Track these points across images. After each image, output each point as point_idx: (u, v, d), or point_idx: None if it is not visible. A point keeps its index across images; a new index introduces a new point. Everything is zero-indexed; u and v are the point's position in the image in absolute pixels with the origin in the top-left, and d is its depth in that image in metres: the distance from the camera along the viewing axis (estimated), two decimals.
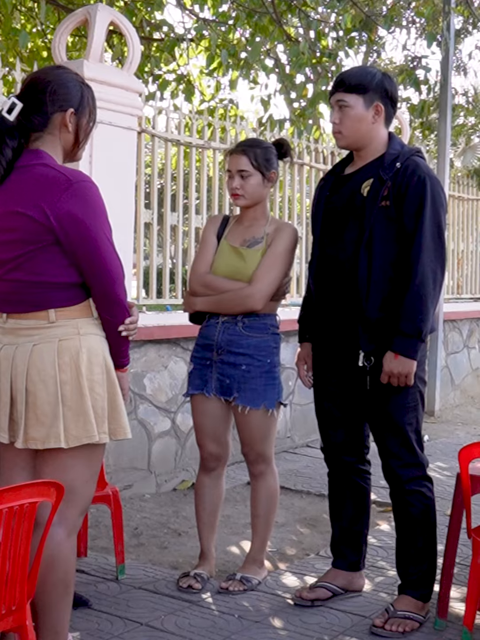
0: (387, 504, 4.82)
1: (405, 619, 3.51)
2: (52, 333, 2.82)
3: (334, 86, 3.64)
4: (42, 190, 2.77)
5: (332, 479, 3.89)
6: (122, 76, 5.38)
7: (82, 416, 2.80)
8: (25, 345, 2.82)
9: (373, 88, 3.56)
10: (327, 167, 7.67)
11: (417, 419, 3.61)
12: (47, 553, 2.72)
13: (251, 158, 3.88)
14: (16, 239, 2.79)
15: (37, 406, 2.78)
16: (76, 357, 2.81)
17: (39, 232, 2.77)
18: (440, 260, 3.50)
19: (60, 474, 2.80)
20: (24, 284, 2.82)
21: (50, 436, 2.78)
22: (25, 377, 2.79)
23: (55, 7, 7.76)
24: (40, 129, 2.88)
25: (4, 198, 2.80)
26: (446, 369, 9.33)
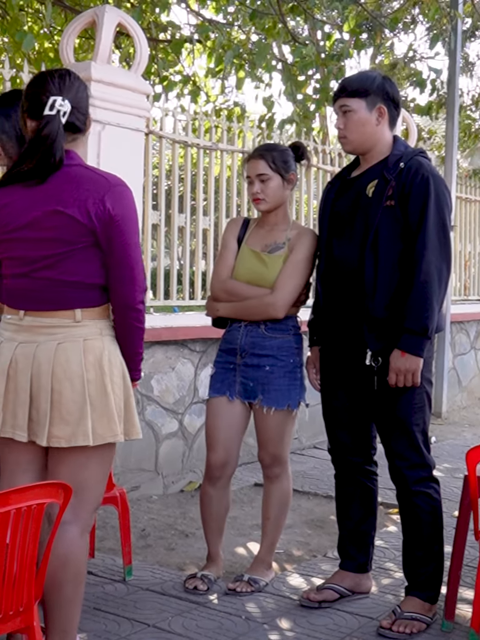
0: (394, 506, 4.81)
1: (412, 620, 3.51)
2: (77, 332, 2.83)
3: (336, 93, 3.68)
4: (84, 192, 2.79)
5: (339, 480, 3.89)
6: (129, 77, 5.38)
7: (106, 415, 2.82)
8: (48, 343, 2.82)
9: (374, 91, 3.59)
10: (334, 169, 7.68)
11: (424, 419, 3.61)
12: (60, 552, 2.74)
13: (269, 161, 3.88)
14: (54, 238, 2.80)
15: (62, 404, 2.79)
16: (100, 357, 2.84)
17: (80, 232, 2.79)
18: (445, 258, 3.51)
19: (76, 473, 2.83)
20: (54, 282, 2.83)
21: (77, 434, 2.79)
22: (50, 375, 2.79)
23: (63, 9, 7.78)
24: (80, 130, 2.91)
25: (43, 196, 2.81)
26: (453, 370, 9.32)
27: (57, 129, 2.79)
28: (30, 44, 5.91)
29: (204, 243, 6.74)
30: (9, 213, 2.85)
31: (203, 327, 5.61)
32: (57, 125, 2.80)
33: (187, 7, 8.45)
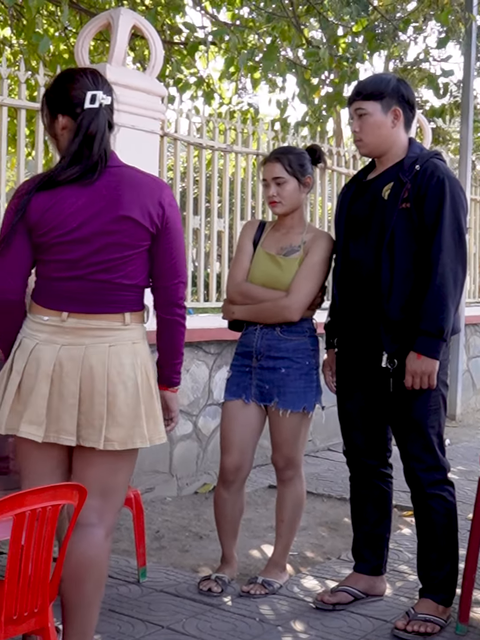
0: (409, 508, 4.81)
1: (426, 621, 3.50)
2: (127, 335, 2.85)
3: (351, 96, 3.69)
4: (144, 196, 2.81)
5: (354, 483, 3.89)
6: (144, 80, 5.39)
7: (153, 417, 2.87)
8: (98, 346, 2.80)
9: (389, 93, 3.59)
10: (349, 171, 7.67)
11: (439, 422, 3.60)
12: (85, 554, 2.76)
13: (285, 164, 3.89)
14: (117, 242, 2.79)
15: (117, 407, 2.79)
16: (146, 360, 2.88)
17: (142, 237, 2.82)
18: (460, 260, 3.50)
19: (105, 476, 2.84)
20: (111, 285, 2.82)
21: (134, 437, 2.81)
22: (105, 378, 2.77)
23: (78, 11, 7.80)
24: (112, 129, 2.90)
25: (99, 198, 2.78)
26: (467, 372, 9.29)
27: (104, 122, 2.80)
28: (46, 46, 5.93)
29: (218, 245, 6.74)
30: (58, 214, 2.78)
31: (218, 329, 5.61)
32: (103, 119, 2.80)
33: (201, 10, 8.46)
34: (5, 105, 5.16)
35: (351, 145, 8.69)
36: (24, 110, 5.25)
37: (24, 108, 5.23)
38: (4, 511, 2.37)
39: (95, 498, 2.74)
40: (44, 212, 2.78)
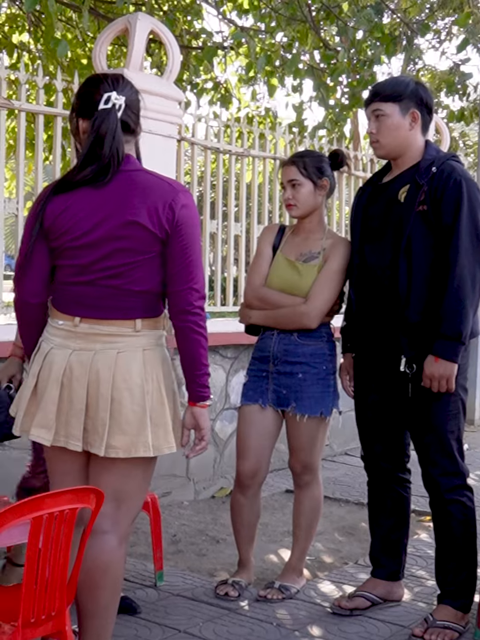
0: (426, 513, 4.79)
1: (444, 628, 3.49)
2: (137, 342, 2.81)
3: (369, 98, 3.66)
4: (153, 200, 2.77)
5: (372, 488, 3.87)
6: (162, 84, 5.41)
7: (163, 426, 2.81)
8: (107, 352, 2.78)
9: (408, 96, 3.57)
10: (366, 175, 7.66)
11: (458, 427, 3.58)
12: (100, 559, 2.75)
13: (300, 167, 3.88)
14: (126, 248, 2.77)
15: (122, 414, 2.76)
16: (157, 368, 2.83)
17: (151, 242, 2.78)
18: (478, 262, 3.47)
19: (120, 483, 2.82)
20: (120, 290, 2.80)
21: (137, 445, 2.77)
22: (110, 384, 2.76)
23: (95, 17, 7.83)
24: (133, 132, 2.88)
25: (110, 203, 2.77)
26: None
27: (115, 122, 2.77)
28: (64, 50, 5.95)
29: (235, 249, 6.74)
30: (70, 219, 2.79)
31: (235, 334, 5.60)
32: (114, 119, 2.77)
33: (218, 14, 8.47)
34: (24, 111, 5.18)
35: (368, 149, 8.68)
36: (42, 116, 5.27)
37: (41, 113, 5.25)
38: (22, 514, 2.37)
39: (108, 504, 2.71)
40: (56, 217, 2.79)
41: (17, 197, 5.16)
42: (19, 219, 5.07)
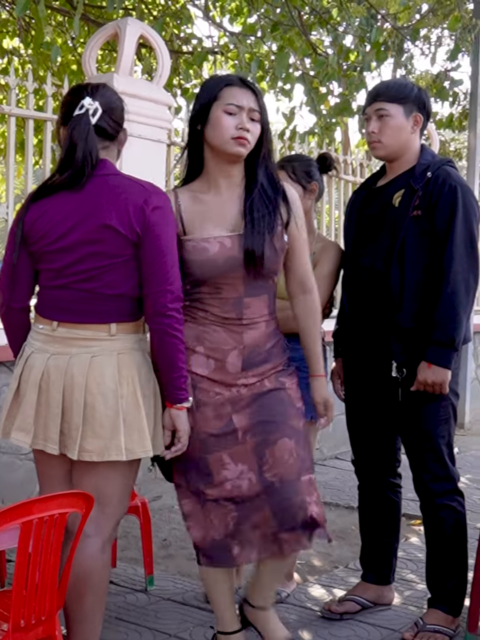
0: (417, 517, 4.80)
1: (435, 632, 3.49)
2: (111, 346, 2.81)
3: (371, 97, 3.63)
4: (124, 202, 2.77)
5: (362, 492, 3.88)
6: (151, 89, 5.42)
7: (138, 430, 2.80)
8: (81, 356, 2.80)
9: (412, 99, 3.57)
10: (356, 179, 7.68)
11: (449, 432, 3.58)
12: (81, 565, 2.74)
13: (289, 171, 3.87)
14: (98, 252, 2.79)
15: (95, 419, 2.77)
16: (133, 372, 2.82)
17: (123, 245, 2.78)
18: (472, 269, 3.48)
19: (101, 486, 2.82)
20: (94, 294, 2.81)
21: (110, 449, 2.77)
22: (84, 388, 2.77)
23: (85, 21, 7.83)
24: (112, 137, 2.91)
25: (84, 207, 2.79)
26: (476, 381, 9.28)
27: (86, 127, 2.79)
28: (56, 54, 5.95)
29: None
30: (46, 223, 2.83)
31: None
32: (85, 124, 2.80)
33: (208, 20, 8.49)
34: (14, 115, 5.18)
35: (358, 154, 8.70)
36: (32, 120, 5.27)
37: (31, 118, 5.24)
38: (12, 519, 2.37)
39: None
40: (34, 222, 2.84)
41: (7, 201, 5.16)
42: (9, 223, 5.07)
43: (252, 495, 3.01)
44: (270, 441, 3.02)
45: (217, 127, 2.98)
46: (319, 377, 3.26)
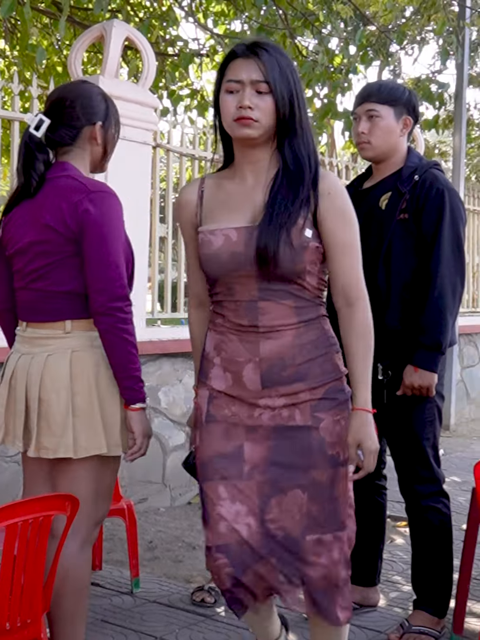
0: (402, 519, 4.81)
1: (420, 634, 3.50)
2: (66, 344, 2.84)
3: (362, 97, 3.63)
4: (61, 200, 2.82)
5: None
6: (137, 91, 5.41)
7: (92, 428, 2.81)
8: (40, 355, 2.85)
9: (403, 102, 3.58)
10: (341, 181, 7.67)
11: (434, 434, 3.59)
12: (60, 565, 2.73)
13: None
14: (43, 251, 2.84)
15: (50, 415, 2.80)
16: (89, 369, 2.83)
17: (61, 242, 2.82)
18: (459, 273, 3.49)
19: (74, 485, 2.82)
20: (45, 293, 2.86)
21: (60, 446, 2.80)
22: (39, 386, 2.82)
23: (71, 23, 7.82)
24: (69, 142, 2.95)
25: (34, 211, 2.87)
26: (461, 382, 9.30)
27: (24, 142, 2.92)
28: (42, 57, 5.94)
29: None
30: (9, 229, 2.96)
31: None
32: (25, 137, 2.93)
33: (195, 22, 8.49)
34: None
35: (344, 156, 8.71)
36: (18, 122, 5.25)
37: (17, 120, 5.23)
38: None
39: None
40: (4, 228, 2.99)
41: None
42: None
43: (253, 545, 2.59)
44: (280, 488, 2.58)
45: (222, 111, 2.59)
46: (359, 412, 2.60)
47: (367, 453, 2.56)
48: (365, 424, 2.57)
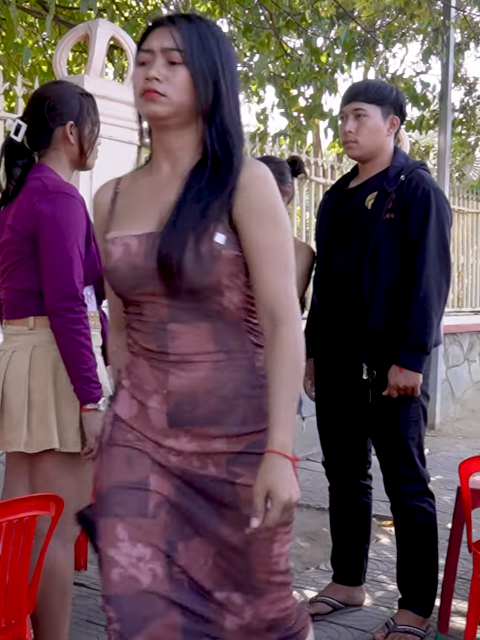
0: (387, 518, 4.82)
1: (405, 633, 3.50)
2: (29, 340, 2.89)
3: (349, 96, 3.62)
4: (25, 202, 2.87)
5: (333, 494, 3.88)
6: (122, 91, 5.40)
7: (45, 424, 2.84)
8: (8, 351, 2.92)
9: (391, 102, 3.58)
10: (326, 181, 7.69)
11: (419, 433, 3.59)
12: (44, 564, 2.71)
13: None
14: (9, 250, 2.92)
15: (11, 409, 2.87)
16: (47, 365, 2.86)
17: (20, 242, 2.87)
18: (444, 273, 3.49)
19: (49, 483, 2.85)
20: (12, 291, 2.94)
21: (16, 440, 2.85)
22: (2, 381, 2.89)
23: (57, 23, 7.81)
24: (44, 145, 2.98)
25: (7, 213, 2.95)
26: (447, 382, 9.33)
27: (4, 147, 2.99)
28: (28, 55, 5.93)
29: None
30: None
31: None
32: (4, 144, 3.00)
33: None
34: None
35: (329, 156, 8.72)
36: (2, 122, 5.23)
37: (2, 119, 5.21)
38: None
39: None
40: None
41: None
42: None
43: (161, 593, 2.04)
44: (188, 533, 2.09)
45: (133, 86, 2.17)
46: (273, 455, 1.97)
47: (276, 504, 1.91)
48: (279, 468, 1.95)
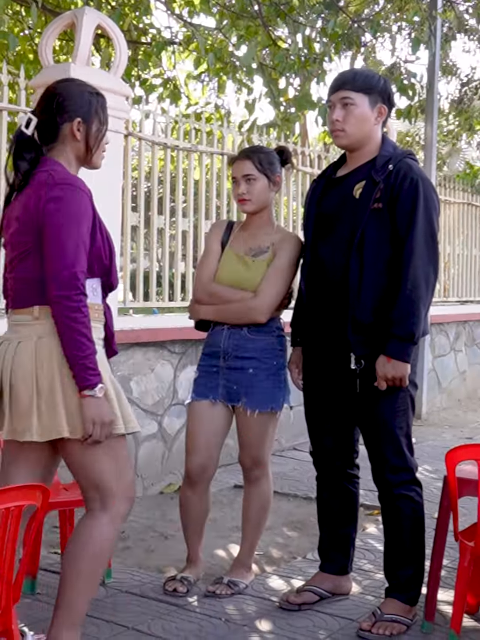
0: (375, 507, 4.83)
1: (392, 622, 3.51)
2: (33, 330, 2.93)
3: (337, 85, 3.60)
4: (33, 194, 2.92)
5: (320, 483, 3.88)
6: (109, 79, 5.37)
7: (52, 412, 2.88)
8: (13, 341, 2.96)
9: (378, 90, 3.56)
10: (313, 171, 7.69)
11: (407, 423, 3.59)
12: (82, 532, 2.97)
13: (255, 162, 3.87)
14: (18, 240, 2.97)
15: (18, 400, 2.89)
16: (53, 354, 2.89)
17: (27, 233, 2.93)
18: (432, 263, 3.48)
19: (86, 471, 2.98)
20: (18, 280, 2.99)
21: (26, 429, 2.88)
22: (10, 371, 2.91)
23: (43, 11, 7.76)
24: (52, 140, 3.04)
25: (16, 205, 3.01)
26: (433, 372, 9.35)
27: (14, 139, 3.04)
28: (14, 44, 5.90)
29: (183, 245, 6.72)
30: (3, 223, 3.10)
31: (182, 329, 5.60)
32: (14, 137, 3.04)
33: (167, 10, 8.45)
34: None
35: (316, 146, 8.71)
36: None
37: None
38: None
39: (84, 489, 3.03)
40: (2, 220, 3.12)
41: None
42: None
43: None
44: None
45: None
46: None
47: None
48: None
